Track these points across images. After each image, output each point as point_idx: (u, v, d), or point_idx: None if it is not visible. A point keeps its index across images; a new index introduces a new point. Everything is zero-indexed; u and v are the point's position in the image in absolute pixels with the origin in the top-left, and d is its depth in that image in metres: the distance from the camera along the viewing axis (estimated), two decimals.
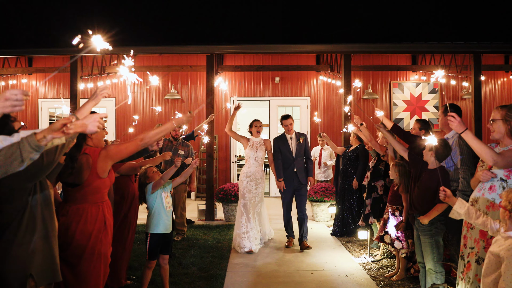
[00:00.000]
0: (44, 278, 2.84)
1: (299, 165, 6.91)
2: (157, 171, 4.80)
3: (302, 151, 7.00)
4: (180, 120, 3.67)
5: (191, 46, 9.08)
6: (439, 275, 4.28)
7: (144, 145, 3.47)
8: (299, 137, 7.01)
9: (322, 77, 12.28)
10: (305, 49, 9.57)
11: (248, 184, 6.90)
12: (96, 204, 3.56)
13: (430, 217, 4.17)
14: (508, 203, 2.85)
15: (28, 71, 11.69)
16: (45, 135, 2.23)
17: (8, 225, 2.75)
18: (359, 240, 7.09)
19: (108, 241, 3.67)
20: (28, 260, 2.76)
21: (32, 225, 2.81)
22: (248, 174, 6.94)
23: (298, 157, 6.93)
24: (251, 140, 7.06)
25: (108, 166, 3.55)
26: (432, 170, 4.29)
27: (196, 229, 8.16)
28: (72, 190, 3.49)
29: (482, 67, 9.61)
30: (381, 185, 6.23)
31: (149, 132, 3.49)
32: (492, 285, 2.78)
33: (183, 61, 11.79)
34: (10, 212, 2.76)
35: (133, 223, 5.06)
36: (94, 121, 2.61)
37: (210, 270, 5.67)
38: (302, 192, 7.03)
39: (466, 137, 3.46)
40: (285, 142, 6.98)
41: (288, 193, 6.99)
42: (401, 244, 5.23)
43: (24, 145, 2.19)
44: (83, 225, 3.45)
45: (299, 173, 6.90)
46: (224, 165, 12.36)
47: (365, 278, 5.43)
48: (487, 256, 2.94)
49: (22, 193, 2.80)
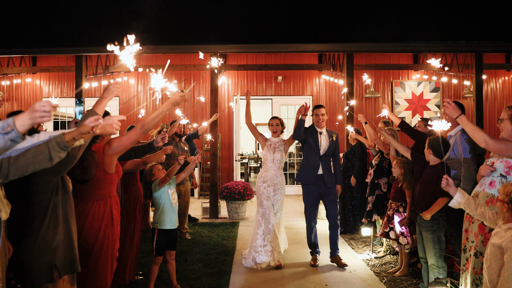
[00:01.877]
0: (65, 268, 3.01)
1: (325, 165, 5.99)
2: (162, 168, 4.87)
3: (331, 151, 6.07)
4: (173, 100, 3.63)
5: (195, 45, 9.15)
6: (441, 270, 4.36)
7: (144, 131, 3.52)
8: (332, 134, 6.12)
9: (324, 76, 12.36)
10: (308, 49, 9.64)
11: (265, 190, 6.10)
12: (104, 199, 3.64)
13: (432, 212, 4.25)
14: (506, 196, 2.93)
15: (33, 70, 11.77)
16: (75, 137, 2.40)
17: (34, 220, 2.92)
18: (362, 237, 7.17)
19: (116, 236, 3.76)
20: (52, 252, 2.93)
21: (55, 219, 2.98)
22: (265, 179, 6.14)
23: (326, 156, 6.02)
24: (270, 140, 6.26)
25: (114, 160, 3.62)
26: (433, 166, 4.38)
27: (200, 226, 8.24)
28: (81, 186, 3.58)
29: (484, 66, 9.67)
30: (385, 182, 6.30)
31: (146, 119, 3.55)
32: (496, 276, 2.87)
33: (186, 61, 11.88)
34: (36, 207, 2.94)
35: (139, 220, 5.13)
36: (112, 123, 2.71)
37: (216, 267, 5.75)
38: (331, 197, 6.04)
39: (461, 121, 3.59)
40: (314, 134, 6.06)
41: (312, 198, 6.07)
42: (406, 240, 5.31)
43: (53, 144, 2.37)
44: (91, 221, 3.55)
45: (325, 175, 5.96)
46: (227, 163, 12.43)
47: (368, 274, 5.51)
48: (488, 248, 3.03)
49: (47, 188, 2.97)
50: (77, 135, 2.38)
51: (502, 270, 2.81)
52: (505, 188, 2.98)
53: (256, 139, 6.54)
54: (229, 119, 12.35)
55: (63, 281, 3.03)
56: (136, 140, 3.59)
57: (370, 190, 6.49)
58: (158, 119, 3.57)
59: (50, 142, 2.35)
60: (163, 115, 3.60)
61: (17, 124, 2.15)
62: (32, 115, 2.14)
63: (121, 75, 12.14)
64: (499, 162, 3.61)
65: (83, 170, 3.49)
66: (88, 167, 3.52)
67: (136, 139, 3.58)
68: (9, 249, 2.82)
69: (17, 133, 2.15)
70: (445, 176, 3.41)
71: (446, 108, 3.59)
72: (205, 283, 5.12)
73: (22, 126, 2.16)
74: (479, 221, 3.56)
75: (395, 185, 5.59)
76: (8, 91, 12.48)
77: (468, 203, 3.29)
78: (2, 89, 12.28)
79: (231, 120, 12.27)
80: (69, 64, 11.22)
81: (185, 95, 3.71)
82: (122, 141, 3.57)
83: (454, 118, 3.60)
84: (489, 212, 3.19)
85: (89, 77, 10.56)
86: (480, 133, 3.52)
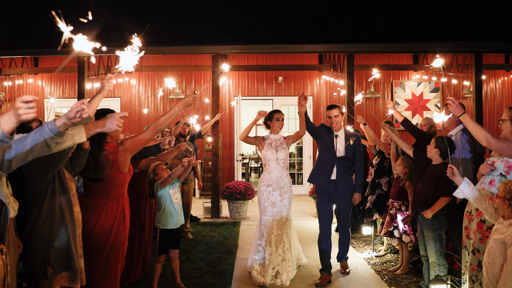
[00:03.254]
0: (60, 266, 3.05)
1: (340, 171, 5.28)
2: (165, 168, 4.91)
3: (350, 155, 5.34)
4: (186, 101, 3.75)
5: (197, 46, 9.22)
6: (442, 268, 4.41)
7: (157, 131, 3.61)
8: (350, 137, 5.37)
9: (325, 76, 12.41)
10: (308, 49, 9.69)
11: (270, 195, 5.36)
12: (117, 198, 3.71)
13: (434, 210, 4.31)
14: (507, 193, 2.99)
15: (35, 71, 11.82)
16: (65, 122, 2.44)
17: (30, 215, 3.00)
18: (363, 236, 7.23)
19: (126, 235, 3.83)
20: (47, 249, 3.00)
21: (50, 218, 3.02)
22: (269, 182, 5.39)
23: (343, 160, 5.30)
24: (269, 138, 5.55)
25: (127, 159, 3.69)
26: (436, 165, 4.43)
27: (202, 226, 8.29)
28: (95, 185, 3.64)
29: (483, 67, 9.72)
30: (386, 182, 6.36)
31: (159, 120, 3.63)
32: (499, 270, 2.92)
33: (187, 61, 11.93)
34: (30, 204, 3.02)
35: (148, 219, 5.19)
36: (114, 120, 2.76)
37: (218, 265, 5.80)
38: (343, 205, 5.34)
39: (464, 119, 3.64)
40: (330, 134, 5.39)
41: (324, 205, 5.34)
42: (409, 238, 5.37)
43: (46, 131, 2.40)
44: (104, 218, 3.60)
45: (338, 180, 5.27)
46: (228, 163, 12.48)
47: (369, 272, 5.57)
48: (490, 244, 3.08)
49: (40, 186, 3.04)
50: (66, 120, 2.42)
51: (505, 264, 2.86)
52: (505, 186, 3.04)
53: (255, 145, 5.73)
54: (230, 120, 12.40)
55: (61, 278, 3.08)
56: (149, 140, 3.66)
57: (370, 189, 6.54)
58: (170, 119, 3.66)
59: (44, 130, 2.40)
60: (175, 116, 3.70)
61: (2, 124, 2.18)
62: (15, 113, 2.17)
63: (123, 76, 12.19)
64: (499, 162, 3.67)
65: (97, 170, 3.57)
66: (102, 167, 3.59)
67: (149, 139, 3.66)
68: (19, 245, 2.88)
69: (3, 133, 2.18)
70: (450, 165, 3.47)
71: (450, 106, 3.65)
72: (208, 281, 5.17)
73: (7, 125, 2.19)
74: (478, 219, 3.62)
75: (396, 184, 5.65)
76: (10, 91, 12.53)
77: (473, 193, 3.33)
78: (4, 90, 12.32)
79: (232, 121, 12.31)
80: (71, 65, 11.26)
81: (196, 96, 3.80)
82: (135, 141, 3.63)
83: (458, 116, 3.66)
84: (492, 208, 3.25)
85: (91, 77, 10.61)
86: (482, 132, 3.57)
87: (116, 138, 3.82)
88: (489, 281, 3.00)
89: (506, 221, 3.02)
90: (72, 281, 3.16)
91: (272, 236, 5.26)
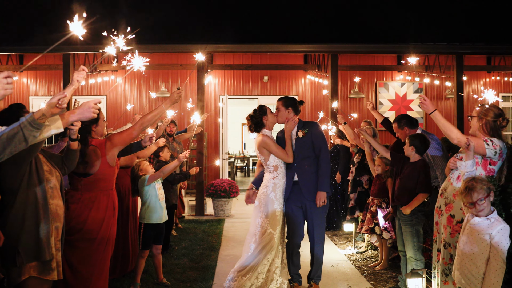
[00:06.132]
0: (29, 255, 3.07)
1: (302, 171, 4.65)
2: (149, 164, 4.99)
3: (307, 149, 4.65)
4: (172, 98, 3.83)
5: (182, 45, 9.26)
6: (419, 262, 4.53)
7: (144, 128, 3.76)
8: (299, 129, 4.70)
9: (309, 76, 12.53)
10: (293, 49, 9.79)
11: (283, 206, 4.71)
12: (106, 191, 3.81)
13: (412, 207, 4.41)
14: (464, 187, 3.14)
15: (20, 69, 11.75)
16: (44, 112, 2.49)
17: (7, 205, 3.08)
18: (345, 234, 7.34)
19: (115, 227, 3.93)
20: (16, 237, 3.04)
21: (23, 206, 3.09)
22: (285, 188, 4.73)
23: (301, 159, 4.64)
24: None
25: (115, 154, 3.80)
26: (413, 162, 4.55)
27: (186, 223, 8.35)
28: (84, 180, 3.72)
29: (465, 68, 9.89)
30: (366, 179, 6.47)
31: (146, 117, 3.75)
32: (481, 263, 3.04)
33: (173, 60, 11.95)
34: (8, 193, 3.10)
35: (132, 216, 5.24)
36: (89, 108, 2.82)
37: (201, 261, 5.87)
38: (314, 211, 4.65)
39: (435, 117, 3.74)
40: (283, 137, 4.78)
41: (293, 212, 4.71)
42: (389, 234, 5.47)
43: (25, 124, 2.44)
44: (95, 212, 3.70)
45: (302, 183, 4.64)
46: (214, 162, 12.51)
47: (350, 268, 5.68)
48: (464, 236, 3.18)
49: (14, 177, 3.10)
50: (46, 110, 2.47)
51: (490, 256, 2.98)
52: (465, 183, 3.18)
53: (275, 154, 4.65)
54: (215, 118, 12.43)
55: (30, 267, 3.10)
56: (135, 136, 3.81)
57: (352, 187, 6.65)
58: (157, 117, 3.79)
59: (22, 123, 2.43)
60: (162, 114, 3.80)
61: None
62: None
63: (108, 74, 12.18)
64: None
65: (85, 165, 3.66)
66: (90, 162, 3.67)
67: (136, 136, 3.81)
68: (0, 237, 2.92)
69: None
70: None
71: (422, 103, 3.76)
72: (190, 276, 5.24)
73: None
74: (447, 213, 3.74)
75: (376, 181, 5.75)
76: None
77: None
78: None
79: (218, 119, 12.36)
80: (56, 63, 11.22)
81: (181, 92, 3.88)
82: (122, 136, 3.81)
83: (429, 113, 3.77)
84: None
85: None
86: (453, 130, 3.68)
87: (101, 133, 3.91)
88: (469, 272, 3.10)
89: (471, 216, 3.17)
90: (43, 272, 3.15)
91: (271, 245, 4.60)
